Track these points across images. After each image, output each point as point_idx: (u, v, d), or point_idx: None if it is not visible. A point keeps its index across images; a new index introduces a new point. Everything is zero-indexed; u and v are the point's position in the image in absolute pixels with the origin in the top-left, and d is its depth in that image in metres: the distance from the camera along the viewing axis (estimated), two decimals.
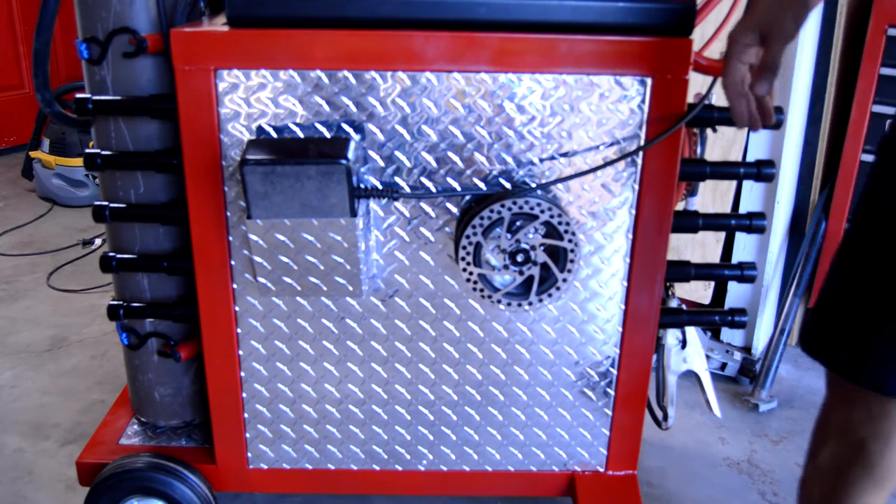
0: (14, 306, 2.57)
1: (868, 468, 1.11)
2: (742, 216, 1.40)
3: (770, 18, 1.03)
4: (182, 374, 1.55)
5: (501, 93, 1.23)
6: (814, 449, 1.20)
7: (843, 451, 1.14)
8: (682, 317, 1.46)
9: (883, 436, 1.10)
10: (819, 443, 1.18)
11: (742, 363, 2.17)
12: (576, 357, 1.40)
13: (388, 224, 1.32)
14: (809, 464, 1.21)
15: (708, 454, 1.89)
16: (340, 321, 1.38)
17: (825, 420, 1.18)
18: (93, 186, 3.41)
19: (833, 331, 1.11)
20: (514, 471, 1.50)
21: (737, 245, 2.16)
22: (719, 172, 1.41)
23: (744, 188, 2.12)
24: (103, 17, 1.30)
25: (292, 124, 1.26)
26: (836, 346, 1.10)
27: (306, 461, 1.50)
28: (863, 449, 1.11)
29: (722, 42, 1.35)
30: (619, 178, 1.28)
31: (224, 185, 1.29)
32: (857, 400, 1.10)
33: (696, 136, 1.48)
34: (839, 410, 1.14)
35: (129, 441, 1.56)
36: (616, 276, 1.34)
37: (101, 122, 1.38)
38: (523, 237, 1.22)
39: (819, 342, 1.13)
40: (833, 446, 1.15)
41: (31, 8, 3.96)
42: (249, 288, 1.36)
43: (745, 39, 1.04)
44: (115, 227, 1.45)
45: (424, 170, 1.28)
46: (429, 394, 1.44)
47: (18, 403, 2.04)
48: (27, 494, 1.71)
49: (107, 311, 1.47)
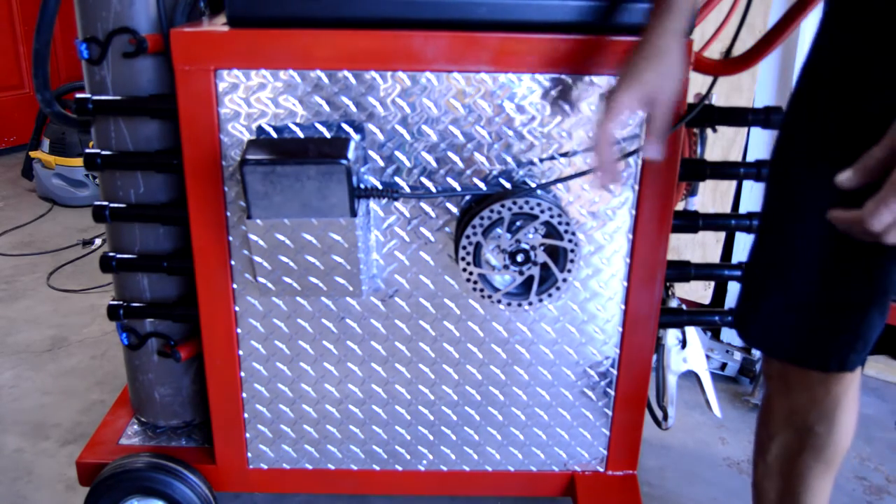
0: (14, 306, 2.57)
1: (818, 451, 1.14)
2: (742, 216, 1.40)
3: (657, 86, 1.03)
4: (182, 374, 1.55)
5: (501, 93, 1.23)
6: (761, 448, 1.22)
7: (792, 441, 1.16)
8: (682, 317, 1.46)
9: (827, 416, 1.12)
10: (765, 440, 1.20)
11: (742, 363, 2.17)
12: (576, 357, 1.40)
13: (388, 224, 1.32)
14: (759, 464, 1.23)
15: (708, 454, 1.89)
16: (340, 321, 1.38)
17: (769, 415, 1.20)
18: (93, 186, 3.41)
19: (773, 317, 1.12)
20: (514, 471, 1.50)
21: (737, 245, 2.16)
22: (719, 172, 1.41)
23: (744, 188, 2.12)
24: (103, 17, 1.30)
25: (292, 124, 1.26)
26: (777, 333, 1.11)
27: (306, 461, 1.50)
28: (811, 433, 1.13)
29: (722, 42, 1.36)
30: (619, 178, 1.28)
31: (224, 185, 1.29)
32: (800, 386, 1.12)
33: (696, 136, 1.48)
34: (782, 401, 1.17)
35: (129, 441, 1.56)
36: (616, 276, 1.34)
37: (101, 122, 1.38)
38: (523, 237, 1.22)
39: (758, 331, 1.15)
40: (781, 438, 1.18)
41: (31, 8, 3.97)
42: (249, 288, 1.36)
43: (630, 107, 1.04)
44: (115, 227, 1.45)
45: (424, 170, 1.28)
46: (429, 394, 1.44)
47: (18, 403, 2.04)
48: (27, 494, 1.71)
49: (107, 311, 1.47)
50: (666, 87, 1.04)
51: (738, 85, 2.03)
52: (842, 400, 1.10)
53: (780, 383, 1.16)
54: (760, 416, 1.22)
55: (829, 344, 1.06)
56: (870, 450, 1.91)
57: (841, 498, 1.74)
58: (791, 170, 1.07)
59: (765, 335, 1.14)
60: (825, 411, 1.11)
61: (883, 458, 1.88)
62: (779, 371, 1.15)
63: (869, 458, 1.88)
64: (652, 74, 1.03)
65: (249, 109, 1.25)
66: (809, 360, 1.09)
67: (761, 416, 1.22)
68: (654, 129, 1.06)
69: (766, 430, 1.20)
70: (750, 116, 1.35)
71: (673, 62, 1.04)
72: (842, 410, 1.11)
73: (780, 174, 1.10)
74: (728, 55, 1.36)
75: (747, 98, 2.04)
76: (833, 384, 1.09)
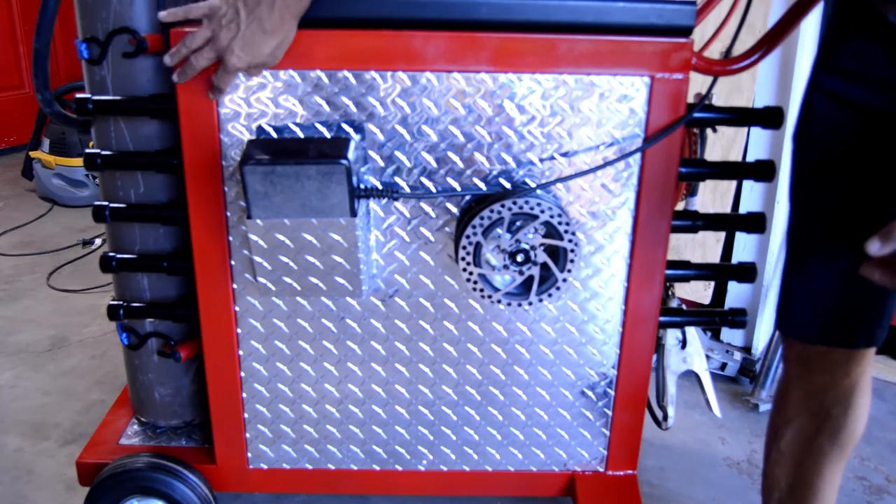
0: (14, 306, 2.57)
1: (833, 435, 1.16)
2: (742, 216, 1.40)
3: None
4: (182, 374, 1.55)
5: (501, 93, 1.23)
6: (774, 434, 1.24)
7: (807, 424, 1.19)
8: (682, 317, 1.46)
9: (845, 399, 1.15)
10: (780, 426, 1.22)
11: (742, 363, 2.17)
12: (576, 357, 1.40)
13: (388, 224, 1.32)
14: (772, 451, 1.25)
15: (708, 454, 1.89)
16: (340, 321, 1.38)
17: (785, 400, 1.23)
18: (93, 186, 3.41)
19: (800, 299, 1.16)
20: (514, 471, 1.50)
21: (737, 245, 2.16)
22: (719, 172, 1.41)
23: (744, 188, 2.12)
24: (103, 17, 1.30)
25: (292, 124, 1.26)
26: (804, 315, 1.15)
27: (306, 461, 1.50)
28: (828, 416, 1.16)
29: (722, 42, 1.36)
30: (619, 178, 1.28)
31: (224, 185, 1.29)
32: (821, 367, 1.15)
33: (696, 136, 1.48)
34: (800, 384, 1.20)
35: (129, 441, 1.56)
36: (616, 276, 1.34)
37: (101, 122, 1.38)
38: (523, 237, 1.22)
39: (789, 317, 1.18)
40: (797, 422, 1.20)
41: (31, 8, 3.97)
42: (249, 288, 1.36)
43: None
44: (115, 227, 1.45)
45: (424, 170, 1.28)
46: (429, 394, 1.44)
47: (18, 403, 2.04)
48: (27, 494, 1.71)
49: (107, 311, 1.47)
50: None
51: (738, 85, 2.03)
52: (859, 382, 1.14)
53: (799, 366, 1.18)
54: (776, 402, 1.24)
55: (855, 321, 1.10)
56: (870, 450, 1.91)
57: (841, 498, 1.73)
58: (818, 160, 1.10)
59: (793, 319, 1.17)
60: (843, 393, 1.15)
61: (883, 458, 1.88)
62: (799, 353, 1.17)
63: (869, 458, 1.88)
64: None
65: (249, 109, 1.25)
66: (836, 339, 1.12)
67: (776, 403, 1.23)
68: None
69: (782, 416, 1.22)
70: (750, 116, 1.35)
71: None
72: (859, 392, 1.14)
73: (807, 161, 1.12)
74: (728, 55, 1.36)
75: (747, 98, 2.04)
76: (854, 366, 1.12)
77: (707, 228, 1.40)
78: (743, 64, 1.33)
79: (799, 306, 1.16)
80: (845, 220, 1.08)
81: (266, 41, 1.12)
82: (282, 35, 1.13)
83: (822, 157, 1.10)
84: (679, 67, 1.21)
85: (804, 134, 1.12)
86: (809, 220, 1.13)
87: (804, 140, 1.13)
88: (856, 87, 1.03)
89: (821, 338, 1.14)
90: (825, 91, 1.07)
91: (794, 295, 1.16)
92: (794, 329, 1.18)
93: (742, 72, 1.35)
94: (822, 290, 1.11)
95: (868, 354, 1.13)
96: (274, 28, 1.11)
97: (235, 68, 1.14)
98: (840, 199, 1.08)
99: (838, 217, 1.09)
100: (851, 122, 1.04)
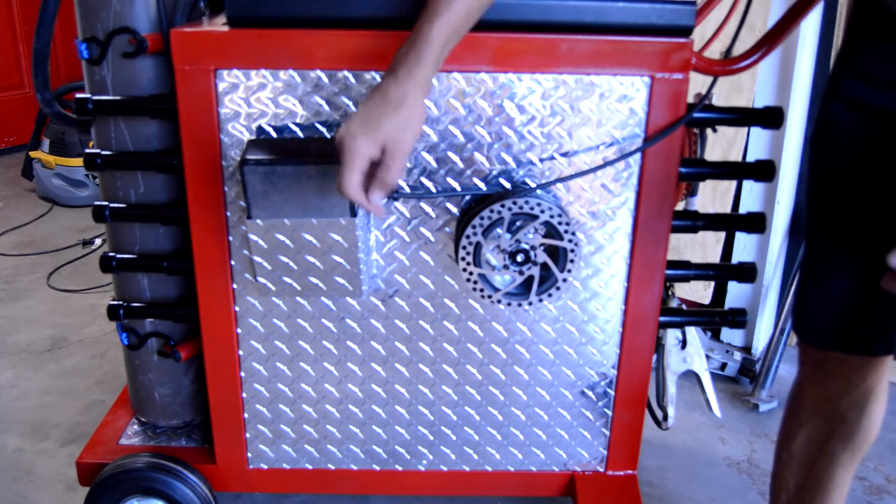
0: (14, 306, 2.57)
1: (847, 439, 1.16)
2: (742, 216, 1.40)
3: (398, 138, 1.01)
4: (182, 374, 1.55)
5: (501, 93, 1.23)
6: (786, 436, 1.24)
7: (821, 428, 1.18)
8: (682, 317, 1.46)
9: (860, 404, 1.15)
10: (792, 428, 1.22)
11: (742, 363, 2.17)
12: (576, 357, 1.40)
13: (388, 224, 1.32)
14: (782, 453, 1.24)
15: (708, 454, 1.89)
16: (340, 321, 1.38)
17: (799, 403, 1.22)
18: (93, 186, 3.41)
19: (818, 306, 1.15)
20: (514, 471, 1.50)
21: (737, 245, 2.16)
22: (719, 172, 1.41)
23: (744, 188, 2.12)
24: (103, 17, 1.30)
25: (292, 124, 1.26)
26: (822, 322, 1.14)
27: (306, 461, 1.50)
28: (843, 420, 1.15)
29: (722, 42, 1.36)
30: (619, 178, 1.28)
31: (224, 185, 1.29)
32: (837, 373, 1.14)
33: (696, 136, 1.48)
34: (815, 389, 1.19)
35: (129, 441, 1.56)
36: (616, 276, 1.34)
37: (101, 122, 1.38)
38: (523, 237, 1.22)
39: (806, 323, 1.18)
40: (810, 426, 1.19)
41: (31, 8, 3.96)
42: (249, 288, 1.36)
43: (369, 152, 1.01)
44: (115, 227, 1.45)
45: (424, 170, 1.27)
46: (429, 394, 1.44)
47: (18, 403, 2.04)
48: (27, 494, 1.71)
49: (107, 311, 1.47)
50: (405, 140, 1.01)
51: (738, 85, 2.03)
52: (875, 388, 1.13)
53: (815, 370, 1.18)
54: (789, 404, 1.23)
55: (875, 329, 1.09)
56: (870, 450, 1.88)
57: None
58: (837, 164, 1.09)
59: (809, 324, 1.16)
60: (858, 399, 1.14)
61: (883, 458, 1.88)
62: (815, 358, 1.17)
63: (869, 458, 1.88)
64: (391, 124, 1.00)
65: (249, 109, 1.25)
66: (854, 346, 1.11)
67: (790, 405, 1.23)
68: (383, 179, 1.02)
69: (795, 418, 1.21)
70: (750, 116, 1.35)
71: (415, 114, 1.02)
72: (875, 398, 1.14)
73: (825, 166, 1.12)
74: (728, 55, 1.36)
75: (747, 98, 2.04)
76: (871, 372, 1.12)
77: (707, 228, 1.40)
78: (743, 64, 1.33)
79: (816, 312, 1.15)
80: (864, 227, 1.07)
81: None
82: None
83: (840, 163, 1.09)
84: (679, 67, 1.21)
85: (821, 139, 1.11)
86: (828, 226, 1.12)
87: (821, 145, 1.11)
88: (876, 91, 1.02)
89: (839, 344, 1.13)
90: (844, 96, 1.06)
91: (812, 300, 1.16)
92: (812, 335, 1.17)
93: (742, 72, 1.35)
94: (841, 297, 1.11)
95: (886, 361, 1.12)
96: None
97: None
98: (858, 206, 1.07)
99: (857, 224, 1.08)
100: (871, 127, 1.03)
